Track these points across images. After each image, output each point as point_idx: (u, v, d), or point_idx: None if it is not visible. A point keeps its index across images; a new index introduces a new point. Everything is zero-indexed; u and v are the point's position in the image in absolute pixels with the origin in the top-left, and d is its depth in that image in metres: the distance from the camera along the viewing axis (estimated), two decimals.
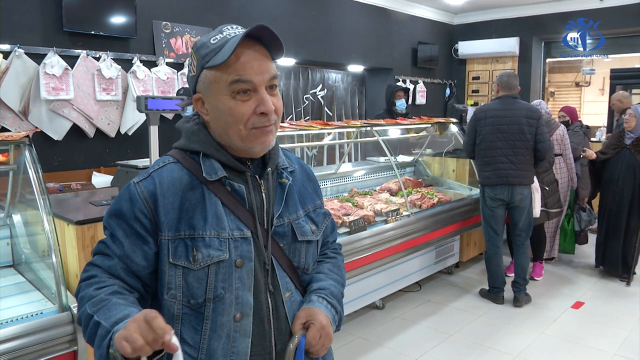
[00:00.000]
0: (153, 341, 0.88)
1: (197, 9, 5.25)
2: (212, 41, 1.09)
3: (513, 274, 4.46)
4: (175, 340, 0.89)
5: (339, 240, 3.12)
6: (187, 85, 4.85)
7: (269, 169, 1.18)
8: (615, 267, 4.55)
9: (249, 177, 1.16)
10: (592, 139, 6.65)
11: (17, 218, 2.42)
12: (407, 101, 5.66)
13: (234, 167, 1.15)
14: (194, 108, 1.17)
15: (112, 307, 1.03)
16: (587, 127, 5.35)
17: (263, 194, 1.17)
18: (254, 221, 1.14)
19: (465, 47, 8.64)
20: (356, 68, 7.74)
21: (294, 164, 1.28)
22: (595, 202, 4.82)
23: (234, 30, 1.09)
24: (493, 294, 4.10)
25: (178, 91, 4.47)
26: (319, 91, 7.20)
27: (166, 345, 0.89)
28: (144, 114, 2.41)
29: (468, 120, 6.07)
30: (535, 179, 3.99)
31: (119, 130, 4.61)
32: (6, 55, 3.94)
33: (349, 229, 3.33)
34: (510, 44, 8.18)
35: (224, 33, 1.09)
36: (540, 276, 4.59)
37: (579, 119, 5.27)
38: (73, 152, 4.41)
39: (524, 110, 3.86)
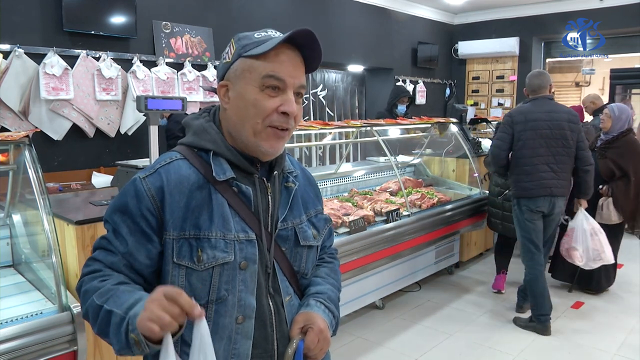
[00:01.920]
0: (179, 315, 0.91)
1: (197, 9, 5.25)
2: (256, 35, 1.11)
3: (502, 289, 4.31)
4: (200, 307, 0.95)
5: (339, 240, 3.15)
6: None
7: (275, 172, 1.18)
8: (586, 283, 4.21)
9: (256, 179, 1.15)
10: None
11: (17, 218, 2.42)
12: (408, 106, 5.70)
13: (242, 168, 1.14)
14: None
15: (121, 294, 1.02)
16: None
17: (269, 196, 1.16)
18: (259, 224, 1.14)
19: (465, 47, 8.65)
20: (356, 68, 7.74)
21: (297, 169, 1.28)
22: None
23: (279, 34, 1.11)
24: (540, 323, 3.53)
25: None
26: (320, 91, 7.21)
27: (197, 317, 0.93)
28: (143, 114, 2.41)
29: (469, 120, 6.06)
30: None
31: (118, 130, 4.61)
32: (6, 55, 3.94)
33: (349, 229, 3.32)
34: (510, 44, 8.19)
35: (269, 32, 1.12)
36: None
37: (584, 121, 5.18)
38: (73, 152, 4.41)
39: (565, 113, 3.51)
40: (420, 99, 8.28)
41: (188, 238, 1.07)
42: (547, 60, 8.85)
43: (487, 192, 4.68)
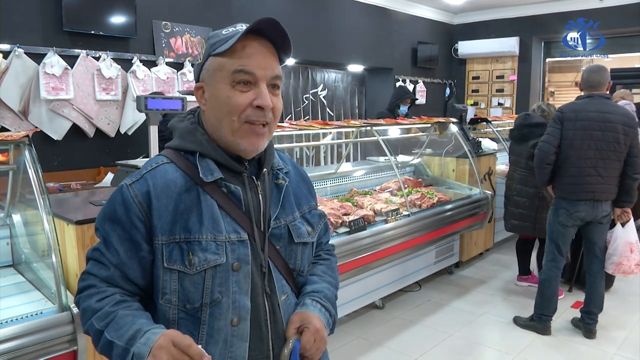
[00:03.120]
0: None
1: (197, 8, 5.25)
2: (224, 32, 1.10)
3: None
4: (206, 353, 0.98)
5: (339, 240, 3.14)
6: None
7: (265, 169, 1.17)
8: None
9: (245, 178, 1.14)
10: None
11: (17, 218, 2.42)
12: (409, 107, 5.73)
13: (230, 168, 1.12)
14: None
15: (120, 321, 1.02)
16: None
17: (260, 195, 1.15)
18: (251, 223, 1.12)
19: (465, 47, 8.65)
20: (356, 68, 7.74)
21: (288, 165, 1.27)
22: None
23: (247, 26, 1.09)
24: (541, 322, 3.53)
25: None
26: (320, 91, 7.21)
27: None
28: (143, 114, 2.41)
29: (469, 120, 6.05)
30: None
31: (118, 130, 4.61)
32: (6, 55, 3.94)
33: (348, 229, 3.32)
34: (510, 44, 8.19)
35: (237, 27, 1.10)
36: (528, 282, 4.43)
37: None
38: (73, 152, 4.41)
39: (620, 115, 3.25)
40: (420, 99, 8.28)
41: (178, 242, 1.06)
42: (547, 60, 8.85)
43: (487, 192, 4.69)
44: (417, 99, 7.16)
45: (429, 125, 4.75)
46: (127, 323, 1.02)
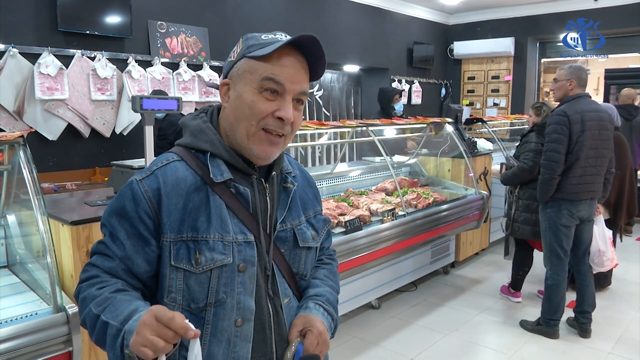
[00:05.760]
0: (172, 338, 0.90)
1: (192, 8, 5.24)
2: (263, 37, 1.10)
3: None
4: (194, 327, 0.91)
5: (335, 240, 3.14)
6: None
7: (274, 172, 1.17)
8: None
9: (254, 180, 1.14)
10: None
11: (11, 218, 2.41)
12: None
13: (240, 169, 1.13)
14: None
15: (118, 304, 1.01)
16: None
17: (268, 197, 1.16)
18: (257, 225, 1.13)
19: (461, 47, 8.68)
20: (352, 68, 7.75)
21: (296, 169, 1.27)
22: None
23: (287, 38, 1.10)
24: (549, 327, 3.49)
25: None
26: (316, 91, 7.21)
27: (191, 338, 0.91)
28: (139, 114, 2.41)
29: (464, 120, 6.06)
30: None
31: (114, 130, 4.60)
32: (0, 55, 3.93)
33: (344, 229, 3.32)
34: (505, 44, 8.22)
35: (277, 35, 1.10)
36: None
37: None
38: (68, 152, 4.39)
39: (605, 113, 3.34)
40: (416, 99, 8.30)
41: (186, 240, 1.06)
42: (542, 60, 8.88)
43: (483, 192, 4.70)
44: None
45: (425, 125, 4.76)
46: (123, 305, 1.00)
